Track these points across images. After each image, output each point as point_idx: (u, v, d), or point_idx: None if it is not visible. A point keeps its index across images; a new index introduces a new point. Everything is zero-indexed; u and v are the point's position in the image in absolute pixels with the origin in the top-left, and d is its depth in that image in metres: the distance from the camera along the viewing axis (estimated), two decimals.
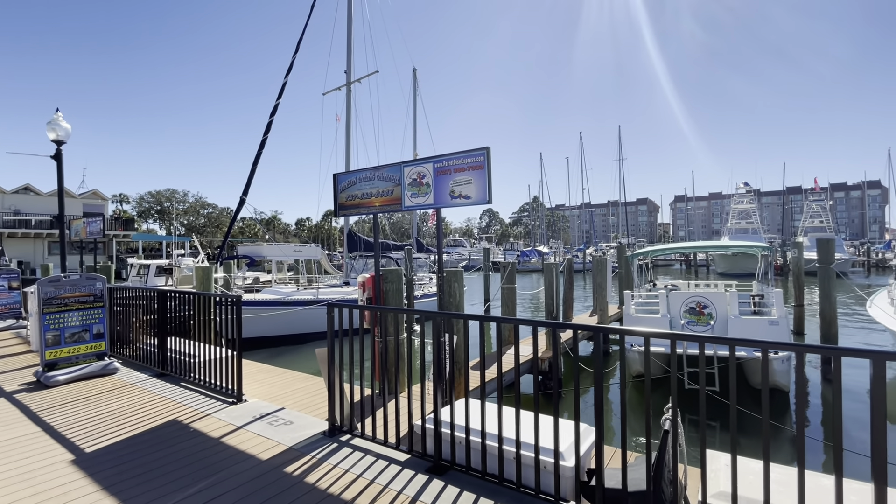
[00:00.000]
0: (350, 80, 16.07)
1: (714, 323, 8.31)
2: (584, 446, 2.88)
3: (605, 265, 12.78)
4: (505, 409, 3.11)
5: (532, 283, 33.51)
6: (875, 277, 35.01)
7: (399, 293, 6.32)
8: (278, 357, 12.16)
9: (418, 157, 6.31)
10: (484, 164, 5.39)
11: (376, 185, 6.40)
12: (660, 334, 2.40)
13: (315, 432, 3.94)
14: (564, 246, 71.34)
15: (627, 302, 9.78)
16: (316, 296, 14.27)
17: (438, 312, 3.40)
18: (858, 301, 14.15)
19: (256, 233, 67.27)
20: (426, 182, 5.87)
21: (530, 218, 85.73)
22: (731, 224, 46.97)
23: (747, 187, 50.21)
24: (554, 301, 10.78)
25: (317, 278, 19.10)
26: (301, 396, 5.38)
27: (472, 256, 45.15)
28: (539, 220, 77.43)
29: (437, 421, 3.15)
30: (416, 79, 23.33)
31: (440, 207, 5.73)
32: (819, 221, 48.12)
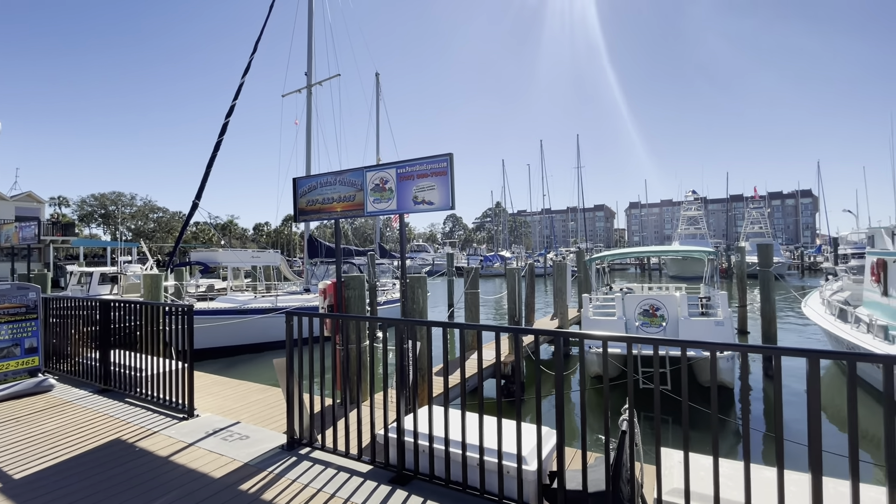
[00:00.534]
0: (311, 82, 15.76)
1: (666, 324, 8.71)
2: (545, 449, 2.92)
3: (565, 270, 13.12)
4: (468, 414, 3.12)
5: (495, 288, 33.90)
6: (808, 279, 37.84)
7: (361, 300, 6.22)
8: (234, 368, 11.66)
9: (381, 163, 6.26)
10: (447, 171, 5.42)
11: (338, 189, 6.28)
12: (617, 338, 2.48)
13: (273, 446, 3.79)
14: (526, 251, 72.74)
15: (585, 305, 10.08)
16: (275, 304, 13.82)
17: (401, 319, 3.37)
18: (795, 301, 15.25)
19: (211, 238, 64.43)
20: (389, 187, 5.83)
21: (493, 223, 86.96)
22: (680, 230, 49.63)
23: (695, 195, 53.25)
24: (516, 305, 10.95)
25: (276, 285, 18.52)
26: (258, 409, 5.18)
27: (435, 262, 45.25)
28: (501, 225, 78.65)
29: (400, 430, 3.11)
30: (378, 83, 23.21)
31: (403, 213, 5.70)
32: (759, 227, 51.67)
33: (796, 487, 2.32)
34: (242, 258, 20.15)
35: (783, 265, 37.04)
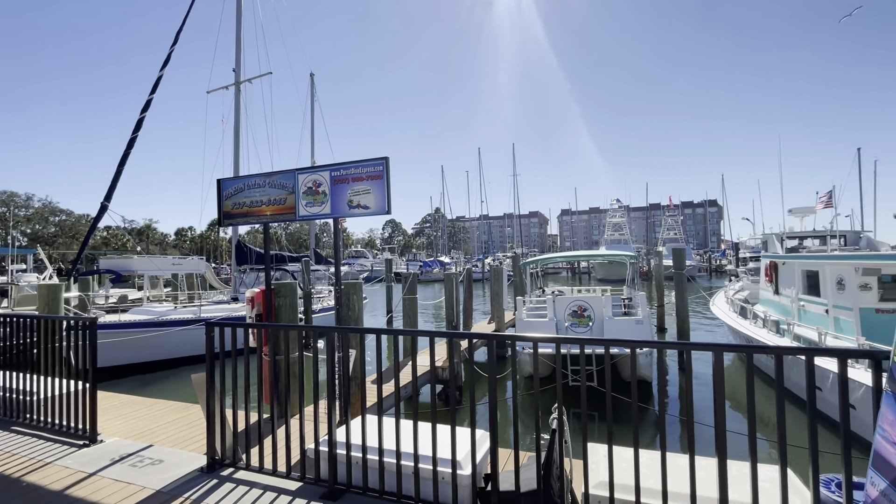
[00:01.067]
0: (239, 79, 14.92)
1: (592, 324, 9.23)
2: (480, 453, 2.94)
3: (501, 274, 13.47)
4: (404, 422, 3.07)
5: (434, 293, 34.02)
6: (715, 280, 41.87)
7: (293, 308, 5.94)
8: (150, 386, 10.65)
9: (315, 165, 6.05)
10: (383, 174, 5.34)
11: (267, 192, 5.97)
12: (545, 339, 2.56)
13: (190, 469, 3.48)
14: (465, 256, 73.89)
15: (519, 308, 10.40)
16: (198, 314, 12.83)
17: (331, 327, 3.24)
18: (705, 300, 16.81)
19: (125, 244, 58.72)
20: (322, 191, 5.64)
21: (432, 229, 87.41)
22: (607, 235, 53.13)
23: (619, 203, 57.28)
24: (454, 310, 11.04)
25: (200, 294, 17.23)
26: (176, 429, 4.75)
27: (374, 267, 44.53)
28: (441, 231, 79.29)
29: (332, 442, 2.99)
30: (313, 84, 22.49)
31: (337, 217, 5.53)
32: (674, 233, 56.71)
33: (706, 472, 2.52)
34: (161, 265, 18.54)
35: (694, 268, 40.77)
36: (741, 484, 2.21)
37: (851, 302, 8.16)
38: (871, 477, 1.81)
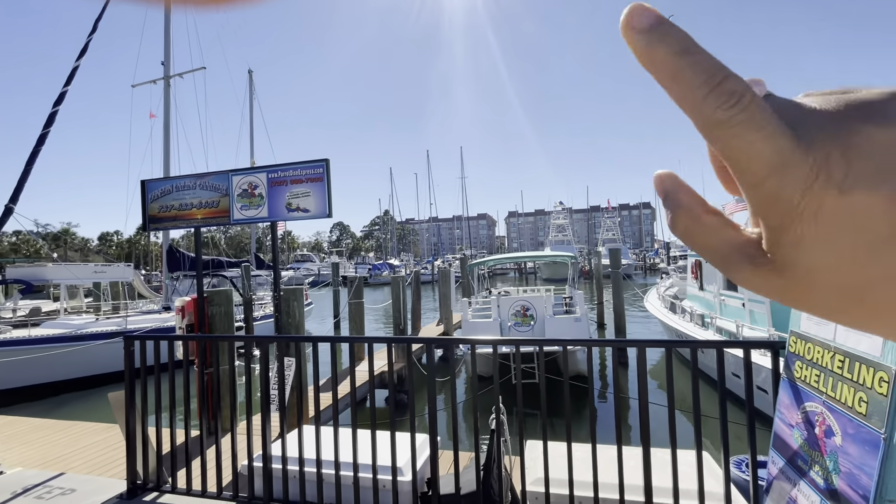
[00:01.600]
0: (169, 73, 13.95)
1: (535, 323, 9.51)
2: (422, 458, 2.93)
3: (450, 276, 13.56)
4: (345, 431, 2.99)
5: (384, 296, 33.57)
6: (649, 278, 44.57)
7: (229, 317, 5.63)
8: (68, 407, 9.68)
9: (250, 166, 5.78)
10: (323, 176, 5.21)
11: (198, 194, 5.63)
12: (483, 341, 2.59)
13: (108, 497, 3.19)
14: (415, 258, 73.68)
15: (465, 309, 10.52)
16: (123, 326, 11.84)
17: (260, 337, 3.10)
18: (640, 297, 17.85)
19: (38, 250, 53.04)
20: (259, 193, 5.40)
21: (381, 231, 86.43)
22: (551, 236, 55.13)
23: (562, 205, 59.69)
24: (401, 313, 10.96)
25: (127, 304, 15.92)
26: (94, 454, 4.36)
27: (321, 272, 43.23)
28: (390, 233, 78.57)
29: (267, 457, 2.85)
30: (252, 81, 21.48)
31: (275, 221, 5.32)
32: (612, 234, 59.93)
33: (635, 461, 2.66)
34: (80, 273, 16.94)
35: (630, 266, 43.21)
36: (666, 469, 2.35)
37: None
38: (772, 456, 1.99)
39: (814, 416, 1.76)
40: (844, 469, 1.55)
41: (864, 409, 1.49)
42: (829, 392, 1.68)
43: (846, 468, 1.54)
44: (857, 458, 1.49)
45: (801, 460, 1.80)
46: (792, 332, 1.98)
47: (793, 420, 1.89)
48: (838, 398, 1.63)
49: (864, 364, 1.53)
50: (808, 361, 1.84)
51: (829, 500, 1.60)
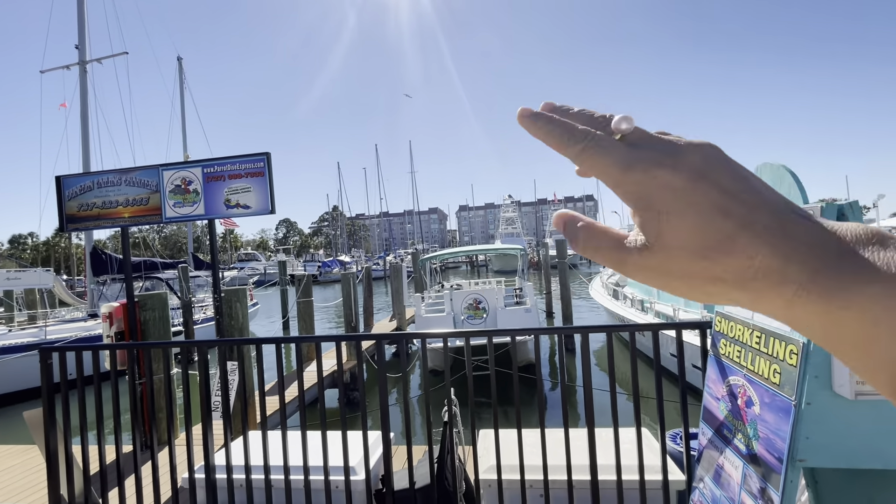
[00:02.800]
0: (85, 57, 12.72)
1: (487, 315, 9.71)
2: (375, 456, 2.90)
3: (401, 271, 13.47)
4: (293, 434, 2.89)
5: (335, 294, 32.83)
6: (594, 267, 46.76)
7: (164, 321, 5.27)
8: None
9: (186, 161, 5.41)
10: (265, 171, 4.98)
11: (124, 191, 5.20)
12: (433, 334, 2.60)
13: None
14: (366, 254, 72.62)
15: (418, 304, 10.53)
16: (42, 337, 10.78)
17: (201, 341, 2.93)
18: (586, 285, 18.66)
19: None
20: (194, 189, 5.07)
21: (331, 227, 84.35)
22: (501, 229, 56.30)
23: (511, 199, 61.01)
24: (353, 310, 10.77)
25: (46, 313, 14.50)
26: (11, 479, 3.95)
27: (267, 271, 41.51)
28: (340, 229, 76.83)
29: (210, 468, 2.71)
30: (181, 69, 20.06)
31: (213, 218, 5.03)
32: None
33: (581, 442, 2.78)
34: None
35: (576, 256, 45.06)
36: (609, 447, 2.48)
37: None
38: (702, 428, 2.14)
39: (736, 389, 1.91)
40: (762, 435, 1.70)
41: (778, 379, 1.64)
42: (749, 366, 1.83)
43: (764, 434, 1.69)
44: (772, 425, 1.64)
45: (726, 430, 1.95)
46: (717, 313, 2.14)
47: (719, 393, 2.05)
48: (757, 371, 1.78)
49: (777, 339, 1.68)
50: (731, 339, 1.99)
51: (751, 464, 1.75)
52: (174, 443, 2.85)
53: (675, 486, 2.39)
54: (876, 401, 1.46)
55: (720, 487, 1.95)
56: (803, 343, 1.55)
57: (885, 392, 0.24)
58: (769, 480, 1.64)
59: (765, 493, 1.65)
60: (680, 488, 2.43)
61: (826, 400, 1.51)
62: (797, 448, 1.53)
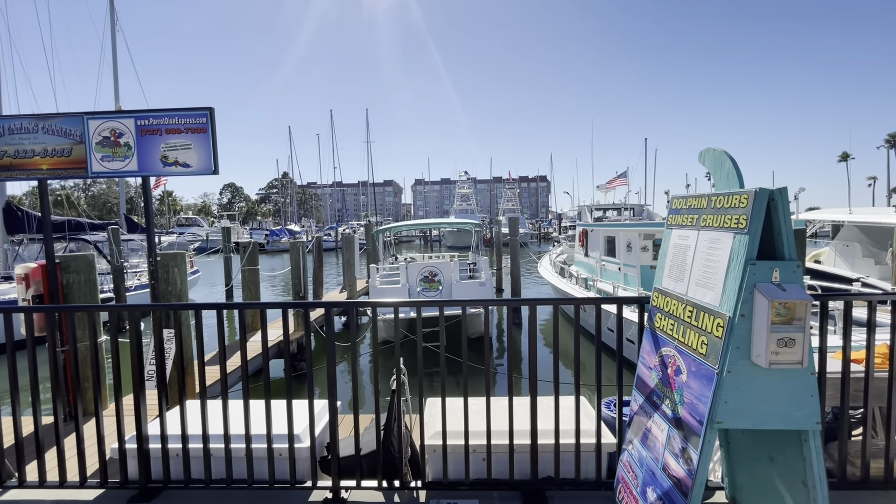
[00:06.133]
0: None
1: (442, 288, 9.80)
2: (321, 423, 2.88)
3: (354, 242, 13.23)
4: (235, 403, 2.80)
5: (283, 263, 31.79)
6: (544, 246, 48.20)
7: (90, 285, 4.88)
8: None
9: (117, 111, 4.90)
10: (207, 127, 4.63)
11: (42, 139, 4.66)
12: (384, 303, 2.58)
13: None
14: (317, 224, 70.49)
15: (373, 275, 10.44)
16: None
17: (132, 305, 2.74)
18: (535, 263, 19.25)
19: None
20: (126, 143, 4.64)
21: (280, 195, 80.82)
22: (456, 205, 56.44)
23: (467, 175, 61.08)
24: (301, 280, 10.49)
25: None
26: None
27: (209, 237, 39.29)
28: (290, 197, 73.82)
29: (143, 438, 2.58)
30: (113, 5, 17.93)
31: (147, 175, 4.64)
32: (512, 204, 63.23)
33: (524, 409, 2.91)
34: None
35: (527, 235, 46.22)
36: (549, 413, 2.60)
37: (635, 261, 10.26)
38: (634, 395, 2.30)
39: (668, 359, 2.05)
40: (687, 400, 1.84)
41: (705, 350, 1.77)
42: (681, 338, 1.97)
43: (689, 399, 1.83)
44: (697, 391, 1.78)
45: (655, 396, 2.11)
46: (655, 289, 2.27)
47: (651, 363, 2.19)
48: (686, 342, 1.91)
49: (707, 313, 1.81)
50: (666, 313, 2.13)
51: (675, 427, 1.90)
52: (102, 413, 2.68)
53: (606, 448, 2.57)
54: (786, 370, 1.62)
55: (646, 448, 2.11)
56: (729, 317, 1.68)
57: None
58: (690, 441, 1.79)
59: (685, 453, 1.80)
60: (611, 450, 2.61)
61: (744, 368, 1.66)
62: (716, 411, 1.67)
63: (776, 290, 1.60)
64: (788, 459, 1.83)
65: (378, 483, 2.56)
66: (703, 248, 1.93)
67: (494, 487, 2.54)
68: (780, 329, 1.57)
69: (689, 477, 1.75)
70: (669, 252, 2.21)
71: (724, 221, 1.82)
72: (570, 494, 2.50)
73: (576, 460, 2.49)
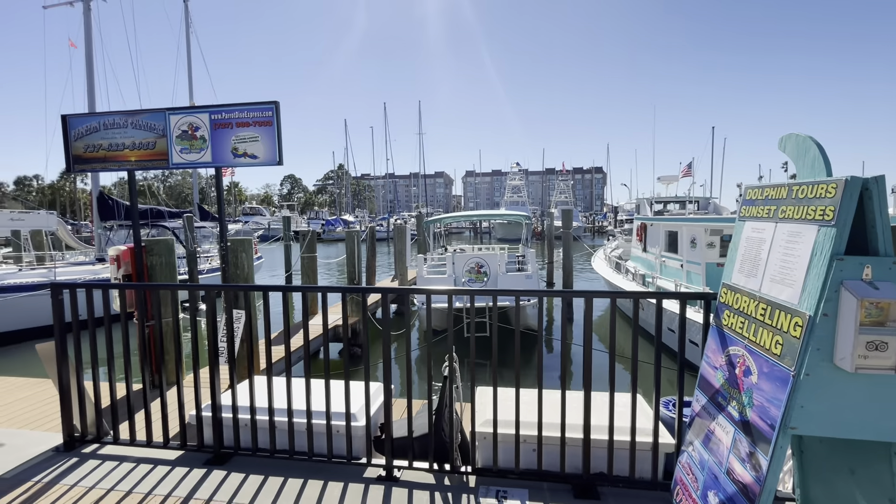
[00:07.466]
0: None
1: (488, 280, 9.78)
2: (376, 404, 2.99)
3: (405, 233, 13.48)
4: (297, 381, 2.98)
5: (338, 252, 33.03)
6: (598, 240, 46.62)
7: (170, 267, 5.33)
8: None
9: (193, 106, 5.29)
10: (273, 121, 4.89)
11: (131, 134, 5.13)
12: (440, 291, 2.62)
13: (43, 450, 3.04)
14: (370, 215, 72.44)
15: (420, 265, 10.60)
16: (52, 277, 10.96)
17: (210, 286, 2.97)
18: (589, 257, 18.68)
19: None
20: (201, 136, 5.00)
21: (336, 186, 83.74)
22: (506, 197, 55.84)
23: (518, 167, 60.18)
24: (356, 268, 10.86)
25: (53, 255, 14.67)
26: (23, 408, 4.12)
27: (271, 226, 41.57)
28: (344, 188, 76.32)
29: (217, 406, 2.81)
30: (188, 10, 19.29)
31: (220, 166, 4.98)
32: (565, 197, 61.57)
33: (576, 403, 2.86)
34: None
35: (580, 228, 44.89)
36: (604, 410, 2.55)
37: (700, 258, 9.68)
38: (696, 395, 2.20)
39: (736, 358, 1.94)
40: (757, 403, 1.74)
41: (780, 350, 1.66)
42: (751, 337, 1.85)
43: (759, 402, 1.73)
44: (768, 393, 1.68)
45: (720, 397, 2.00)
46: (724, 285, 2.14)
47: (717, 363, 2.08)
48: (758, 342, 1.80)
49: (783, 311, 1.69)
50: (736, 310, 2.01)
51: (742, 430, 1.80)
52: (182, 383, 2.95)
53: (664, 448, 2.48)
54: (875, 375, 1.48)
55: (709, 451, 2.02)
56: (809, 316, 1.56)
57: None
58: (758, 446, 1.69)
59: (753, 457, 1.71)
60: (668, 451, 2.52)
61: (825, 372, 1.53)
62: (791, 416, 1.56)
63: (867, 288, 1.46)
64: (874, 474, 1.68)
65: (429, 465, 2.64)
66: (781, 241, 1.80)
67: (544, 478, 2.53)
68: (870, 331, 1.44)
69: (757, 483, 1.66)
70: (741, 246, 2.07)
71: (807, 213, 1.68)
72: (624, 492, 2.44)
73: (630, 458, 2.43)
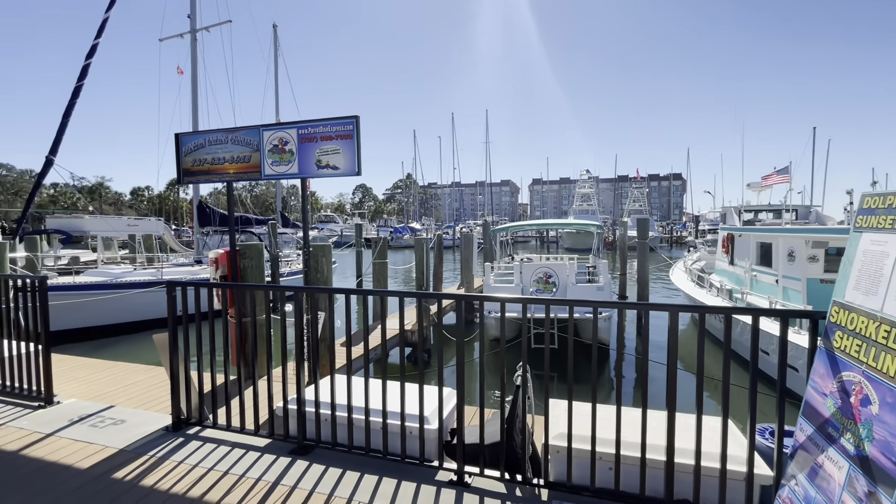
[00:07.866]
0: (196, 26, 13.85)
1: (556, 290, 9.52)
2: (447, 409, 3.04)
3: (472, 241, 13.56)
4: (373, 382, 3.12)
5: (405, 259, 33.98)
6: (675, 251, 43.66)
7: (259, 270, 5.82)
8: (109, 350, 10.34)
9: (282, 122, 5.78)
10: (353, 134, 5.19)
11: (230, 149, 5.70)
12: (513, 299, 2.62)
13: (155, 429, 3.45)
14: (437, 223, 73.75)
15: (488, 273, 10.59)
16: (159, 276, 12.38)
17: (300, 287, 3.21)
18: (665, 269, 17.55)
19: (75, 203, 55.27)
20: (289, 149, 5.43)
21: (404, 195, 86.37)
22: (575, 205, 54.16)
23: (588, 174, 58.17)
24: (424, 275, 11.11)
25: (160, 257, 16.60)
26: (138, 391, 4.68)
27: (343, 233, 43.83)
28: (412, 197, 78.48)
29: (301, 401, 3.02)
30: (276, 36, 21.10)
31: (306, 177, 5.37)
32: (639, 205, 58.33)
33: (657, 423, 2.71)
34: (115, 226, 17.67)
35: (656, 238, 42.31)
36: (688, 433, 2.39)
37: (800, 273, 8.69)
38: (800, 424, 1.99)
39: (850, 386, 1.74)
40: (878, 437, 1.55)
41: None
42: (870, 362, 1.65)
43: (881, 436, 1.54)
44: (894, 427, 1.48)
45: (831, 428, 1.80)
46: (835, 303, 1.93)
47: (827, 389, 1.88)
48: (880, 368, 1.60)
49: None
50: (850, 331, 1.80)
51: (859, 467, 1.60)
52: (272, 376, 3.20)
53: (759, 479, 2.27)
54: None
55: (816, 487, 1.82)
56: None
57: None
58: (880, 486, 1.51)
59: (873, 497, 1.52)
60: (764, 483, 2.30)
61: None
62: None
63: None
64: None
65: (500, 474, 2.63)
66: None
67: (621, 500, 2.42)
68: None
69: None
70: (858, 259, 1.86)
71: None
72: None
73: (720, 487, 2.25)
